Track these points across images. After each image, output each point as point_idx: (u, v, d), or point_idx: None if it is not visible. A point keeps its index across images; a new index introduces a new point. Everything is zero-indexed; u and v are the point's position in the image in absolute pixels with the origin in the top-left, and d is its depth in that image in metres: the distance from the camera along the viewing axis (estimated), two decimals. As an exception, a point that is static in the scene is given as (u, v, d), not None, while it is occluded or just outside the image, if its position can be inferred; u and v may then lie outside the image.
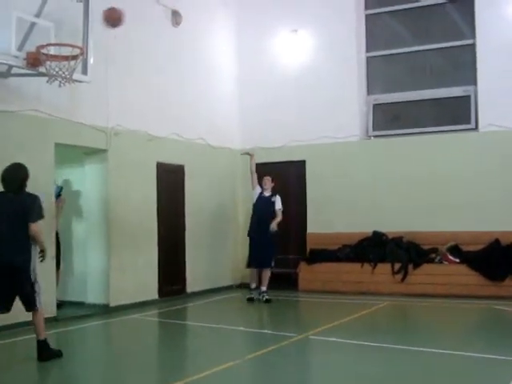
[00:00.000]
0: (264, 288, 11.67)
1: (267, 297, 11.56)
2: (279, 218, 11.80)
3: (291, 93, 13.62)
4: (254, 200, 12.04)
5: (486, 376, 6.33)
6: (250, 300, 11.73)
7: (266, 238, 11.62)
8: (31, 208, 7.02)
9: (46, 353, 7.05)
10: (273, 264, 11.74)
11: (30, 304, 7.04)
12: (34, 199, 7.14)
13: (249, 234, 12.04)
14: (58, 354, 7.15)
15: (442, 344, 7.63)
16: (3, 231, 6.92)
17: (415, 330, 9.10)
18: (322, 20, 13.52)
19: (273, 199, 11.88)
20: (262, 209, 11.85)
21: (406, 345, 7.65)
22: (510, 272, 11.17)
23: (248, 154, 12.33)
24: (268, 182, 11.97)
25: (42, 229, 7.41)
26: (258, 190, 12.00)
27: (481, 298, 11.01)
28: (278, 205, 11.87)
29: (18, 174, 7.14)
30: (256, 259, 11.81)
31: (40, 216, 7.14)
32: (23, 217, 6.94)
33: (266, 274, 11.76)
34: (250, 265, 12.07)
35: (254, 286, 11.97)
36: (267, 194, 11.94)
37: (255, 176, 12.08)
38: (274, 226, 11.63)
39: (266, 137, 13.77)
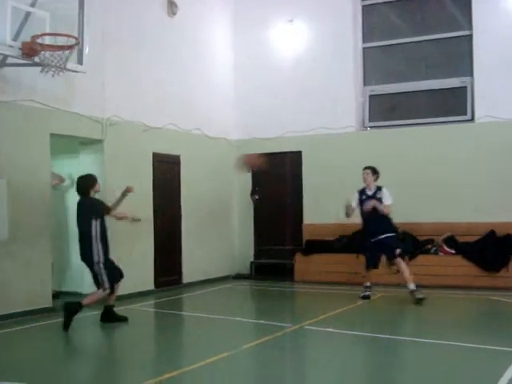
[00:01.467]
0: (411, 286, 10.17)
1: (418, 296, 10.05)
2: (385, 211, 10.27)
3: (287, 83, 13.60)
4: (355, 204, 10.52)
5: (482, 366, 6.36)
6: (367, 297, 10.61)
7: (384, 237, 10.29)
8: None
9: (71, 310, 8.22)
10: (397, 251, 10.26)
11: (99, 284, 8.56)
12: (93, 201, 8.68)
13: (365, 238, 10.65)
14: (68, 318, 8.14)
15: (437, 334, 7.65)
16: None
17: (411, 321, 9.14)
18: (318, 10, 13.49)
19: (378, 195, 10.38)
20: (368, 211, 10.35)
21: (401, 335, 7.69)
22: (505, 263, 11.21)
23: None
24: (368, 176, 10.47)
25: None
26: (356, 193, 10.62)
27: (476, 288, 11.06)
28: (387, 200, 10.30)
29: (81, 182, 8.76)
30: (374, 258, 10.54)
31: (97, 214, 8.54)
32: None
33: (400, 266, 10.31)
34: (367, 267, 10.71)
35: (368, 284, 10.74)
36: (370, 191, 10.48)
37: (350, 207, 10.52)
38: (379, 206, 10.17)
39: (262, 127, 13.76)
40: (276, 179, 12.34)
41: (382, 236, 10.29)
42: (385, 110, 13.38)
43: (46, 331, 8.46)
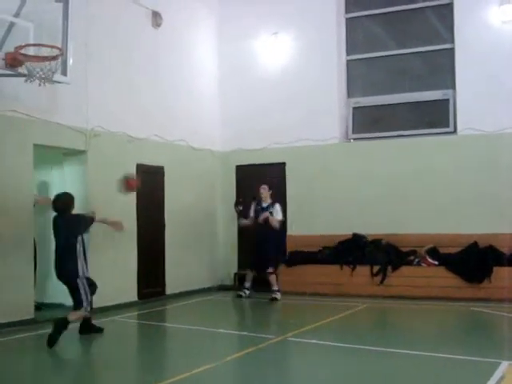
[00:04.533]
0: (274, 287, 11.90)
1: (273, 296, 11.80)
2: (276, 226, 11.83)
3: (272, 95, 13.65)
4: (251, 214, 12.11)
5: (464, 377, 6.38)
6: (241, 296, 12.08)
7: (267, 247, 11.83)
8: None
9: (60, 324, 8.04)
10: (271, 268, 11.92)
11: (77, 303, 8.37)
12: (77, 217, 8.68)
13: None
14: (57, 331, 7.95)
15: (420, 346, 7.68)
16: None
17: (394, 332, 9.14)
18: (302, 23, 13.57)
19: (270, 210, 11.86)
20: (261, 222, 11.87)
21: (384, 347, 7.69)
22: (488, 274, 11.26)
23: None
24: (264, 190, 11.92)
25: None
26: (253, 203, 12.05)
27: (459, 300, 11.10)
28: (278, 215, 11.84)
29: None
30: (255, 263, 12.12)
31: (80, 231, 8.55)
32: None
33: (270, 278, 11.91)
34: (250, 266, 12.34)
35: (247, 285, 12.21)
36: (265, 204, 11.91)
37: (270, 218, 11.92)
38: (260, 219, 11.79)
39: (246, 139, 13.79)
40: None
41: (264, 249, 11.74)
42: (368, 121, 13.46)
43: (28, 343, 8.40)
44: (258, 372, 6.76)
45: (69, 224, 8.45)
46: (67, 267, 8.35)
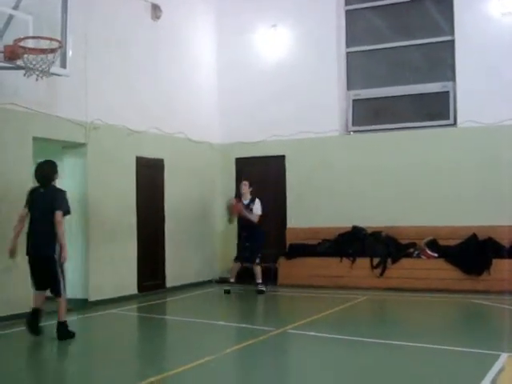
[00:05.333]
0: (258, 280, 11.95)
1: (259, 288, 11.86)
2: (254, 220, 11.88)
3: (271, 88, 13.62)
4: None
5: (463, 369, 6.39)
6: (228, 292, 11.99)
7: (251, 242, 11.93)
8: (58, 199, 7.81)
9: (64, 333, 7.77)
10: (258, 260, 11.97)
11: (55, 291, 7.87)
12: (61, 192, 7.94)
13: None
14: (71, 336, 7.82)
15: (419, 338, 7.68)
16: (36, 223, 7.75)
17: (393, 324, 9.16)
18: (301, 15, 13.54)
19: (251, 206, 11.94)
20: (241, 218, 12.06)
21: (384, 339, 7.70)
22: (487, 266, 11.28)
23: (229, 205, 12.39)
24: (245, 187, 12.02)
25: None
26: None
27: (458, 292, 11.12)
28: (257, 210, 11.92)
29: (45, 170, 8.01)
30: (241, 255, 12.11)
31: (64, 208, 7.79)
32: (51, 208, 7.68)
33: (255, 270, 11.97)
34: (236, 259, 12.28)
35: (232, 280, 12.16)
36: (246, 201, 11.99)
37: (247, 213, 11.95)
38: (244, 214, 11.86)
39: (245, 131, 13.78)
40: (260, 183, 12.36)
41: (251, 241, 11.86)
42: (368, 114, 13.45)
43: (28, 336, 8.40)
44: (258, 364, 6.78)
45: (51, 197, 7.77)
46: (39, 248, 7.75)
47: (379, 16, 13.56)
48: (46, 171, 7.99)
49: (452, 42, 12.49)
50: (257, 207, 11.92)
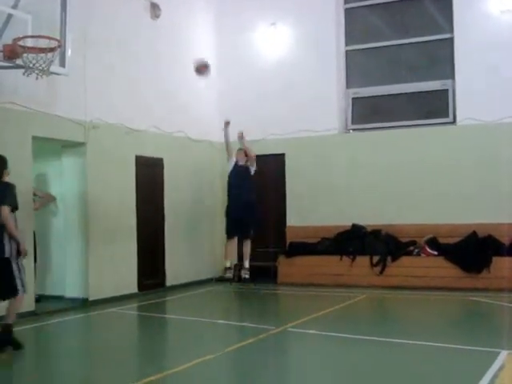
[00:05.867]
0: (247, 264, 11.75)
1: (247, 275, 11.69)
2: (253, 156, 11.84)
3: (270, 86, 13.62)
4: (229, 170, 12.02)
5: (463, 367, 6.40)
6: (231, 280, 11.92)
7: (246, 207, 11.62)
8: (5, 194, 7.30)
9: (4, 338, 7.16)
10: (252, 233, 11.78)
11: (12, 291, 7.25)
12: (8, 186, 7.41)
13: (228, 205, 11.99)
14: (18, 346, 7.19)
15: (419, 336, 7.69)
16: None
17: (394, 322, 9.17)
18: (300, 13, 13.53)
19: (248, 167, 11.88)
20: (238, 177, 11.78)
21: (384, 337, 7.70)
22: (487, 264, 11.29)
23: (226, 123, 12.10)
24: (241, 155, 11.89)
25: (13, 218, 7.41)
26: (233, 160, 11.97)
27: (458, 289, 11.12)
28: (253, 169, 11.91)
29: None
30: (236, 228, 11.77)
31: (10, 202, 7.30)
32: None
33: (247, 246, 11.80)
34: (230, 234, 11.90)
35: (228, 264, 11.92)
36: (242, 163, 11.91)
37: (230, 146, 11.96)
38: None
39: (245, 130, 13.69)
40: (259, 181, 12.35)
41: (246, 213, 11.60)
42: (367, 112, 13.44)
43: (29, 335, 8.40)
44: (258, 363, 6.77)
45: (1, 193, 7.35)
46: None
47: (378, 14, 13.55)
48: None
49: (451, 39, 12.49)
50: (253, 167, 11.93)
